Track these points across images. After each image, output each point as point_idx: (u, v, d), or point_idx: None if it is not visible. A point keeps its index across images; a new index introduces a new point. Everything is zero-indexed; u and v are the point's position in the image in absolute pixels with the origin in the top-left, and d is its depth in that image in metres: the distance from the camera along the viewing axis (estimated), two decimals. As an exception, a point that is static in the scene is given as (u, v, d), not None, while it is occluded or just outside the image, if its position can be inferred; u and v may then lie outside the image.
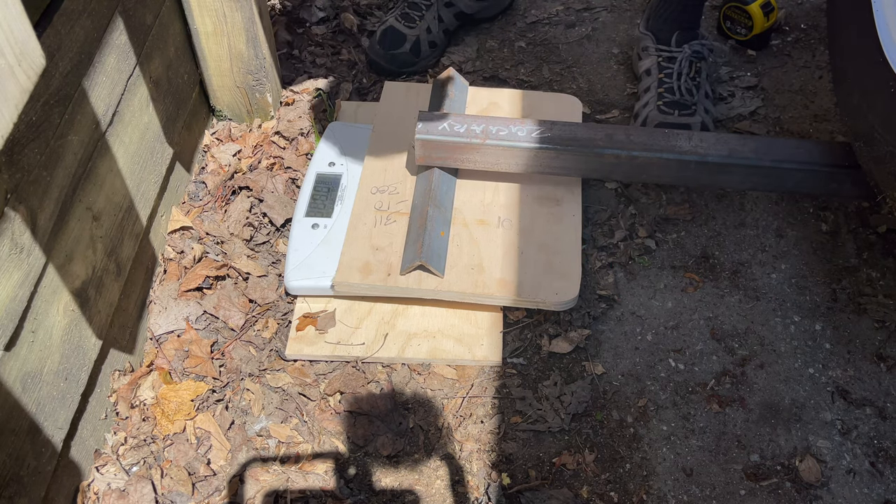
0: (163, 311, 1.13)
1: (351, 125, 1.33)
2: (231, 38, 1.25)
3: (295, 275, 1.12)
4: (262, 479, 0.99)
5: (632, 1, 1.65)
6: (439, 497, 0.98)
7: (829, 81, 1.45)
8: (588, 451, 1.01)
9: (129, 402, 1.04)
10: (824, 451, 1.01)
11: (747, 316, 1.14)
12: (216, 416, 1.04)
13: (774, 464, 1.00)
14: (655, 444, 1.02)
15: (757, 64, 1.49)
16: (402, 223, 1.17)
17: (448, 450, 1.02)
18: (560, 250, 1.15)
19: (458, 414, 1.05)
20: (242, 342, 1.12)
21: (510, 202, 1.21)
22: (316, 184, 1.23)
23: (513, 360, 1.10)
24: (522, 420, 1.05)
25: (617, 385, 1.08)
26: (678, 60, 1.32)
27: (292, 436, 1.03)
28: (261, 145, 1.35)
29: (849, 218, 1.24)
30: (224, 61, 1.28)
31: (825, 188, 1.14)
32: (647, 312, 1.15)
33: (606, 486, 0.99)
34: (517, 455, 1.02)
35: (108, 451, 1.00)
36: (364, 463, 1.01)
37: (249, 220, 1.24)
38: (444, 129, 1.15)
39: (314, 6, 1.60)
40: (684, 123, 1.27)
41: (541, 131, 1.15)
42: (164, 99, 1.17)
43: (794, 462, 1.00)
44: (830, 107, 1.40)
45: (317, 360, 1.10)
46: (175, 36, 1.21)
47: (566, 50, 1.55)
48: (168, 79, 1.18)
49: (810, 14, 1.58)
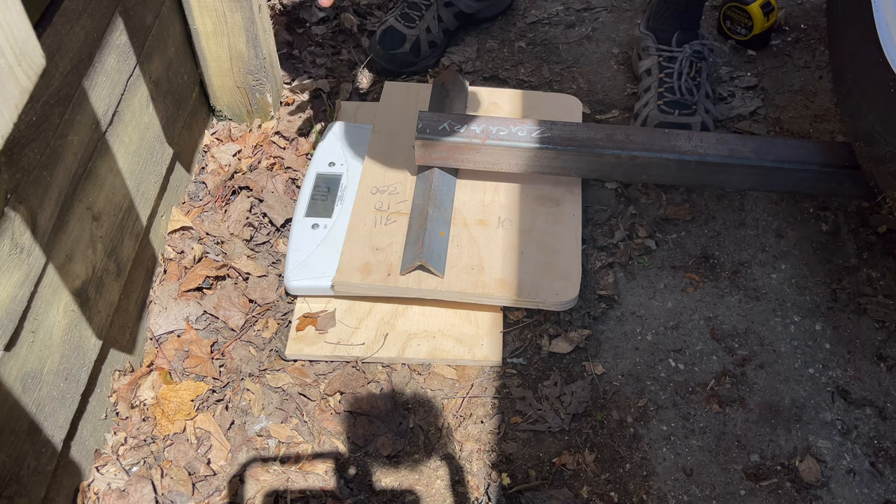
0: (163, 311, 1.13)
1: (351, 125, 1.33)
2: (231, 38, 1.25)
3: (295, 275, 1.12)
4: (262, 479, 0.99)
5: (632, 1, 1.65)
6: (439, 497, 0.98)
7: (829, 81, 1.45)
8: (588, 451, 1.01)
9: (129, 402, 1.04)
10: (824, 451, 1.01)
11: (747, 316, 1.14)
12: (216, 416, 1.04)
13: (774, 464, 1.00)
14: (655, 444, 1.02)
15: (757, 64, 1.49)
16: (402, 223, 1.17)
17: (448, 450, 1.02)
18: (560, 250, 1.15)
19: (458, 414, 1.05)
20: (242, 342, 1.12)
21: (510, 202, 1.21)
22: (316, 184, 1.23)
23: (513, 360, 1.10)
24: (522, 420, 1.05)
25: (617, 385, 1.08)
26: (679, 60, 1.32)
27: (292, 436, 1.03)
28: (261, 145, 1.35)
29: (849, 218, 1.24)
30: (224, 61, 1.28)
31: (825, 188, 1.14)
32: (647, 312, 1.15)
33: (606, 486, 0.99)
34: (517, 455, 1.02)
35: (109, 451, 1.00)
36: (364, 463, 1.01)
37: (249, 220, 1.24)
38: (444, 129, 1.15)
39: (314, 6, 1.60)
40: (684, 123, 1.27)
41: (541, 131, 1.15)
42: (164, 99, 1.17)
43: (794, 462, 1.00)
44: (830, 107, 1.40)
45: (317, 360, 1.10)
46: (175, 36, 1.21)
47: (566, 50, 1.55)
48: (168, 79, 1.18)
49: (810, 14, 1.58)
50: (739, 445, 1.02)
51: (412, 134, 1.23)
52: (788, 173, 1.12)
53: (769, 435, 1.03)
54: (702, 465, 1.01)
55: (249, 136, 1.36)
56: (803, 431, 1.03)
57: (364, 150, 1.28)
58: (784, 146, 1.13)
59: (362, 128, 1.32)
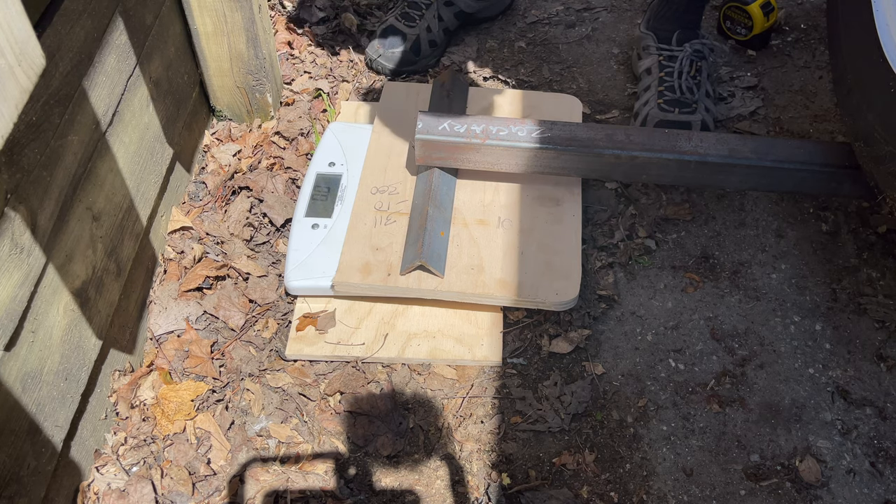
0: (163, 311, 1.13)
1: (351, 125, 1.33)
2: (231, 38, 1.25)
3: (295, 275, 1.12)
4: (263, 479, 0.99)
5: (632, 1, 1.65)
6: (439, 497, 0.98)
7: (829, 81, 1.45)
8: (588, 451, 1.01)
9: (129, 403, 1.04)
10: (824, 452, 1.01)
11: (747, 316, 1.14)
12: (216, 416, 1.04)
13: (774, 464, 1.00)
14: (655, 444, 1.02)
15: (757, 64, 1.49)
16: (402, 223, 1.17)
17: (448, 450, 1.02)
18: (560, 250, 1.15)
19: (457, 414, 1.05)
20: (242, 342, 1.12)
21: (510, 202, 1.21)
22: (316, 184, 1.23)
23: (513, 360, 1.10)
24: (522, 420, 1.05)
25: (617, 385, 1.08)
26: (679, 59, 1.32)
27: (292, 436, 1.03)
28: (261, 145, 1.35)
29: (849, 218, 1.24)
30: (224, 61, 1.28)
31: (825, 188, 1.14)
32: (647, 312, 1.15)
33: (606, 486, 0.99)
34: (517, 455, 1.02)
35: (108, 451, 1.00)
36: (364, 463, 1.01)
37: (249, 221, 1.24)
38: (444, 129, 1.15)
39: (314, 6, 1.60)
40: (685, 121, 1.27)
41: (541, 132, 1.15)
42: (164, 99, 1.17)
43: (793, 462, 1.00)
44: (830, 107, 1.40)
45: (317, 360, 1.10)
46: (175, 36, 1.21)
47: (566, 50, 1.55)
48: (168, 79, 1.18)
49: (810, 14, 1.58)
50: (739, 445, 1.02)
51: (412, 134, 1.23)
52: (788, 173, 1.12)
53: (769, 435, 1.03)
54: (702, 465, 1.01)
55: (249, 137, 1.36)
56: (803, 431, 1.03)
57: (364, 150, 1.28)
58: (784, 146, 1.13)
59: (362, 128, 1.32)
